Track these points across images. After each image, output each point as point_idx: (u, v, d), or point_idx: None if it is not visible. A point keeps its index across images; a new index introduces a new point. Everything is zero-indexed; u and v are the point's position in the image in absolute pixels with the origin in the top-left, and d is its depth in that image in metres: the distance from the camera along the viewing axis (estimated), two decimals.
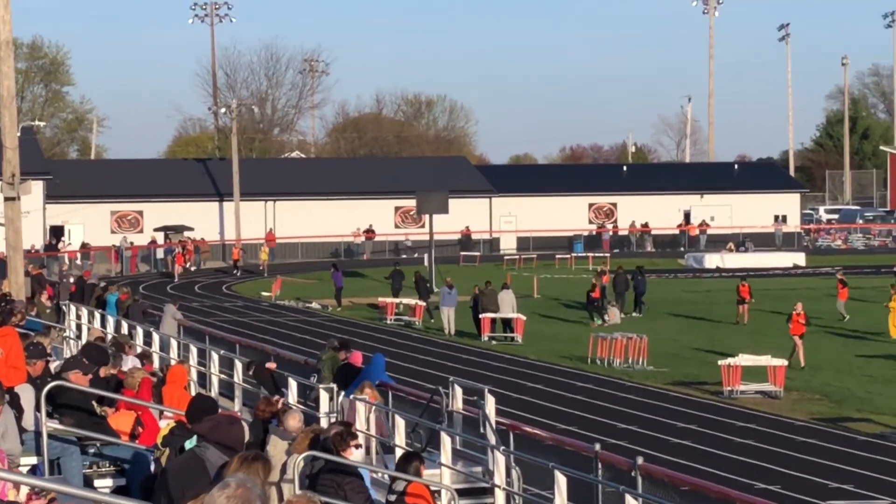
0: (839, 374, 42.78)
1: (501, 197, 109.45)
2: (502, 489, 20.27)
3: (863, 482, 27.91)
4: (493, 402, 24.96)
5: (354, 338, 50.58)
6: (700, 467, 28.55)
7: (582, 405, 37.89)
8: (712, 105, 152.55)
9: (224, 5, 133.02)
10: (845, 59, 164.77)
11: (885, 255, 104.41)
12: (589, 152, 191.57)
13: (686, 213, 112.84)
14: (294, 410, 18.98)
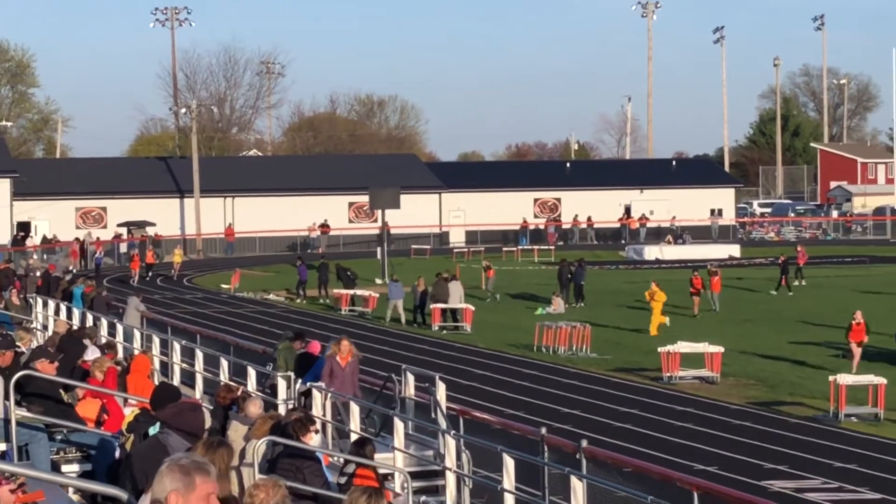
0: (772, 361, 42.94)
1: (450, 193, 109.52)
2: (453, 471, 20.26)
3: (796, 463, 28.05)
4: (443, 389, 24.96)
5: (311, 328, 50.59)
6: (641, 449, 28.63)
7: (528, 391, 37.93)
8: (651, 105, 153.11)
9: (184, 10, 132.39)
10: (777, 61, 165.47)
11: (815, 246, 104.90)
12: (534, 150, 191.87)
13: (627, 208, 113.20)
14: (255, 397, 18.95)
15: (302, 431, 14.91)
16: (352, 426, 22.90)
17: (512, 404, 34.92)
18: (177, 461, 7.31)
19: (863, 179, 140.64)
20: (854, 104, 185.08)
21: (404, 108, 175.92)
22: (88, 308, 43.38)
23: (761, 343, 46.99)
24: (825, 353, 44.07)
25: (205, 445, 10.50)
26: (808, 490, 25.65)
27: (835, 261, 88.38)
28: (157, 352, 32.64)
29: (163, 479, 7.18)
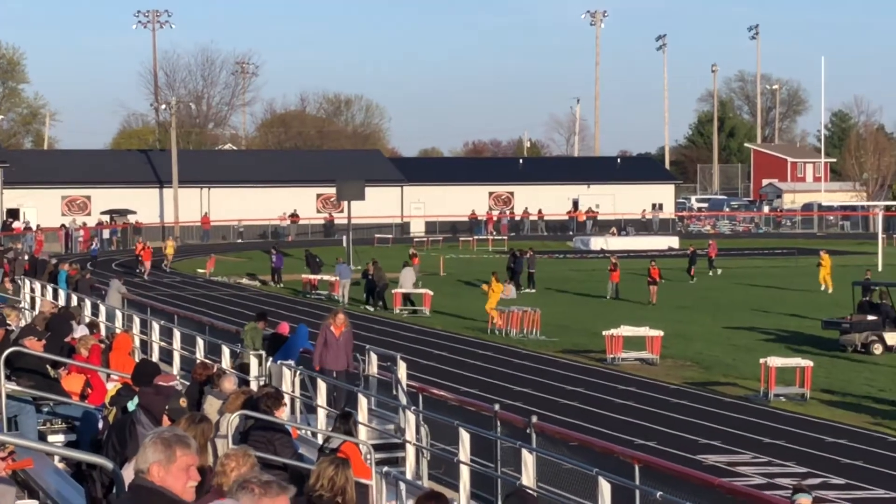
0: (708, 344, 43.07)
1: (411, 186, 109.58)
2: (412, 444, 20.28)
3: (729, 439, 28.15)
4: (404, 368, 24.96)
5: (281, 311, 50.50)
6: (586, 425, 28.68)
7: (482, 370, 37.93)
8: (598, 106, 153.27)
9: (164, 13, 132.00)
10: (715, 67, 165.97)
11: (748, 239, 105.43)
12: (489, 147, 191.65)
13: (574, 201, 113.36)
14: (229, 374, 18.90)
15: (275, 406, 14.90)
16: (319, 401, 22.89)
17: (467, 383, 34.93)
18: (160, 434, 7.28)
19: (792, 177, 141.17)
20: (785, 108, 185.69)
21: (369, 107, 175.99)
22: (73, 290, 43.20)
23: (697, 328, 47.16)
24: (756, 337, 44.25)
25: (187, 420, 10.47)
26: (739, 464, 25.74)
27: (766, 252, 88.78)
28: (137, 331, 32.53)
29: (146, 450, 7.15)
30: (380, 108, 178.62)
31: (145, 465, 7.08)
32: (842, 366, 38.28)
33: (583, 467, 16.78)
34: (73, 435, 16.36)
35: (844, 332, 41.38)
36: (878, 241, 75.65)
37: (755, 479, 24.22)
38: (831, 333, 42.26)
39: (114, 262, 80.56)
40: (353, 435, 16.81)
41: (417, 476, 19.92)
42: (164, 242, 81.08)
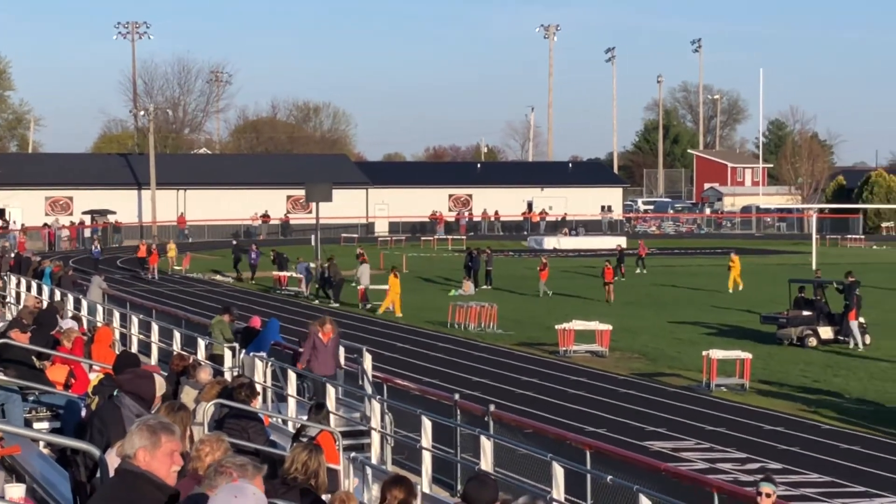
0: (654, 338, 43.19)
1: (376, 188, 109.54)
2: (377, 431, 20.27)
3: (673, 426, 28.24)
4: (370, 359, 24.96)
5: (254, 306, 50.36)
6: (540, 413, 28.71)
7: (443, 362, 37.95)
8: (551, 114, 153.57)
9: (143, 24, 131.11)
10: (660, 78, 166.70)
11: (690, 239, 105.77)
12: (449, 152, 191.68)
13: (529, 203, 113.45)
14: (204, 365, 18.85)
15: (252, 396, 14.90)
16: (289, 391, 22.85)
17: (429, 373, 34.93)
18: (145, 422, 7.27)
19: (732, 182, 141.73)
20: (725, 116, 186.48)
21: (336, 114, 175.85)
22: (56, 285, 42.98)
23: (644, 322, 47.27)
24: (699, 331, 44.41)
25: (168, 408, 10.44)
26: (683, 450, 25.83)
27: (707, 252, 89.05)
28: (117, 324, 32.41)
29: (132, 437, 7.13)
30: (346, 115, 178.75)
31: (132, 451, 7.06)
32: (779, 358, 38.46)
33: (538, 453, 16.81)
34: (58, 422, 16.27)
35: (781, 326, 41.59)
36: (812, 242, 75.99)
37: (698, 464, 24.30)
38: (769, 328, 42.47)
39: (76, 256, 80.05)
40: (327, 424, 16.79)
41: (382, 461, 19.92)
42: (167, 245, 76.84)
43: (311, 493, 9.66)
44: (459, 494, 10.15)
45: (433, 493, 18.13)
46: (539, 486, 16.33)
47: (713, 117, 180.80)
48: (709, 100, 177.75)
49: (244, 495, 5.98)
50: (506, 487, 14.00)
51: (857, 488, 22.63)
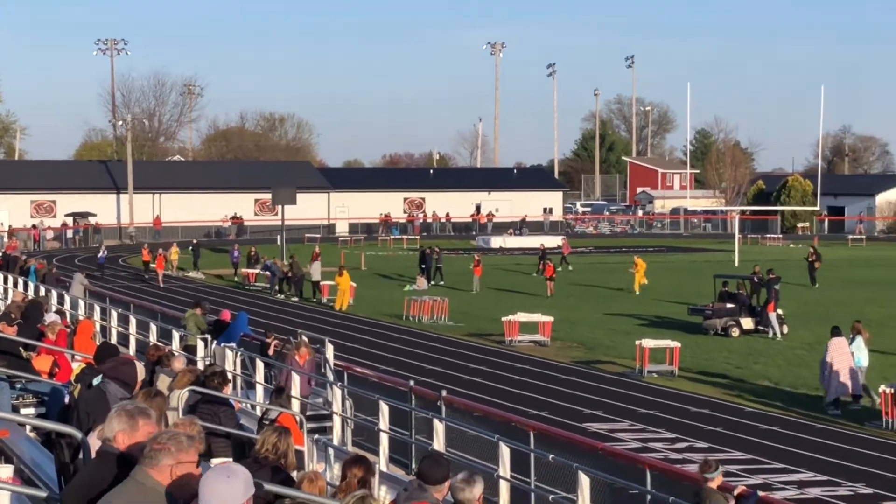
0: (591, 328, 43.31)
1: (337, 192, 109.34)
2: (339, 415, 20.25)
3: (609, 409, 28.34)
4: (331, 349, 24.93)
5: (224, 300, 50.15)
6: (488, 398, 28.76)
7: (399, 351, 37.93)
8: (497, 124, 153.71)
9: (121, 41, 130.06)
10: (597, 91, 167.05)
11: (624, 238, 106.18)
12: (404, 159, 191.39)
13: (477, 206, 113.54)
14: (178, 355, 18.76)
15: (224, 384, 14.87)
16: (257, 378, 22.78)
17: (386, 362, 34.91)
18: (124, 407, 7.22)
19: (662, 186, 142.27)
20: (656, 126, 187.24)
21: (300, 124, 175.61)
22: (41, 282, 42.68)
23: (582, 314, 47.40)
24: (632, 322, 44.55)
25: (144, 394, 10.38)
26: (618, 430, 25.93)
27: (639, 250, 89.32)
28: (98, 318, 32.21)
29: (112, 421, 7.08)
30: (309, 124, 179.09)
31: (111, 434, 7.01)
32: (704, 346, 38.65)
33: (486, 434, 16.83)
34: (43, 408, 16.16)
35: (707, 317, 41.79)
36: (734, 241, 76.44)
37: (632, 444, 24.40)
38: (696, 319, 42.68)
39: (76, 258, 79.60)
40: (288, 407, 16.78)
41: (343, 443, 19.89)
42: (169, 249, 71.32)
43: (282, 471, 9.66)
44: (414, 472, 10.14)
45: (390, 472, 18.13)
46: (487, 465, 16.36)
47: (645, 127, 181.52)
48: (641, 111, 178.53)
49: (235, 475, 5.96)
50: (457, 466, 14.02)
51: (777, 465, 22.78)
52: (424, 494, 8.86)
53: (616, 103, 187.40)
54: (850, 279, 62.49)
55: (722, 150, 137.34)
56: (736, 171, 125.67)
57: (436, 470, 9.12)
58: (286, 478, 9.34)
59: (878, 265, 72.24)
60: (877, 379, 30.61)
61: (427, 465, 9.29)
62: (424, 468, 9.25)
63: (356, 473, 9.22)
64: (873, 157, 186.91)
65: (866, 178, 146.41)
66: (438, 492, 9.02)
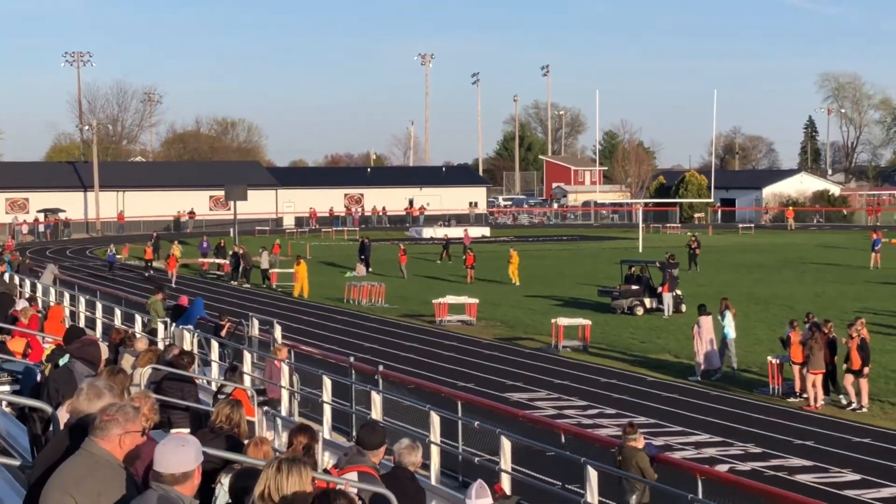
0: (513, 309, 43.45)
1: (284, 189, 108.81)
2: (286, 389, 20.18)
3: (529, 381, 28.46)
4: (279, 329, 24.84)
5: (183, 287, 49.74)
6: (420, 372, 28.78)
7: (340, 331, 37.85)
8: (428, 127, 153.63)
9: (87, 53, 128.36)
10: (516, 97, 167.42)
11: (542, 228, 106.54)
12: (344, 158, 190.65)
13: (410, 200, 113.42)
14: (141, 336, 18.61)
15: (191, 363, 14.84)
16: (212, 357, 22.65)
17: (328, 340, 34.83)
18: (90, 384, 7.16)
19: (574, 181, 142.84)
20: (569, 128, 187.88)
21: (250, 128, 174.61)
22: (15, 271, 42.12)
23: (504, 296, 47.53)
24: (549, 303, 44.72)
25: (108, 372, 10.29)
26: (537, 399, 26.05)
27: (554, 238, 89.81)
28: (67, 303, 31.84)
29: (79, 397, 7.02)
30: (258, 128, 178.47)
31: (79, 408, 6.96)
32: (613, 324, 38.91)
33: (418, 404, 16.86)
34: (17, 385, 15.96)
35: (615, 298, 42.06)
36: (639, 230, 77.00)
37: (549, 411, 24.53)
38: (605, 299, 42.95)
39: (47, 250, 78.56)
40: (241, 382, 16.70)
41: (290, 413, 19.83)
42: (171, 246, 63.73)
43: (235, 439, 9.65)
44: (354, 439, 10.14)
45: (332, 439, 18.10)
46: (420, 432, 16.38)
47: (559, 129, 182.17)
48: (555, 115, 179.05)
49: (187, 444, 5.96)
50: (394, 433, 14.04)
51: (675, 428, 23.00)
52: (363, 459, 8.87)
53: (533, 108, 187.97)
54: (740, 263, 63.18)
55: (627, 149, 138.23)
56: (640, 167, 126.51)
57: (372, 436, 9.14)
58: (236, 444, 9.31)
59: (765, 251, 73.11)
60: (764, 352, 31.05)
61: (364, 433, 9.31)
62: (362, 435, 9.27)
63: (301, 440, 9.21)
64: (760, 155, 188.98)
65: (754, 173, 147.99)
66: (375, 456, 9.04)
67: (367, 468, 8.64)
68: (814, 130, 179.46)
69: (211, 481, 7.99)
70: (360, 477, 8.48)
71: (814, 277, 54.39)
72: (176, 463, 5.85)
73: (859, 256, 58.00)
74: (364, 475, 8.52)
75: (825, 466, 19.96)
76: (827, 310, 40.02)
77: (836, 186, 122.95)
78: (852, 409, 24.61)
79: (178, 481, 5.84)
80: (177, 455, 5.87)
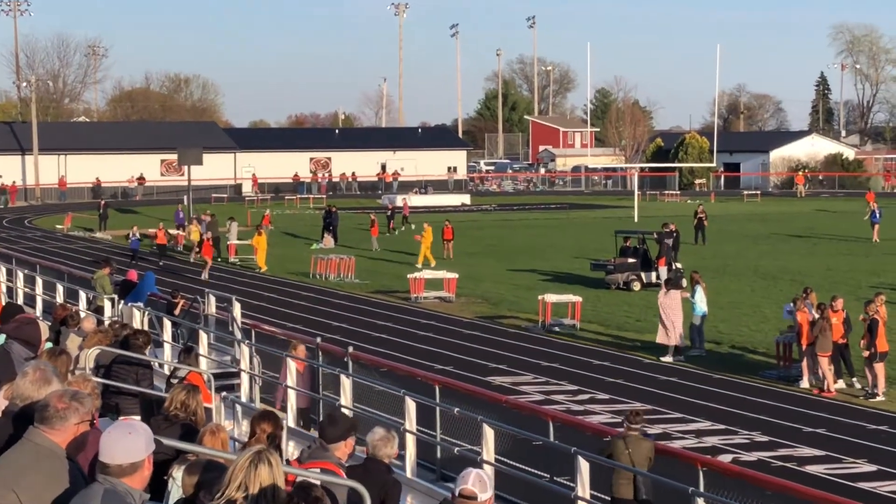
0: (495, 284, 43.50)
1: (243, 153, 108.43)
2: (247, 373, 20.15)
3: (513, 363, 28.53)
4: (239, 307, 24.77)
5: (133, 260, 49.54)
6: (394, 353, 28.79)
7: (306, 309, 37.83)
8: (402, 84, 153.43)
9: (24, 2, 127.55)
10: (499, 51, 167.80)
11: (528, 196, 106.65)
12: (309, 119, 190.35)
13: (383, 165, 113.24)
14: (89, 315, 18.54)
15: (147, 343, 14.82)
16: (165, 337, 22.59)
17: (293, 320, 34.81)
18: (36, 367, 7.13)
19: (563, 144, 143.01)
20: (557, 86, 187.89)
21: (206, 85, 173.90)
22: None
23: (486, 270, 47.59)
24: (536, 278, 44.81)
25: (49, 353, 10.26)
26: (522, 384, 26.12)
27: (541, 207, 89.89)
28: (3, 279, 31.68)
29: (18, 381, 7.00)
30: (214, 85, 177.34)
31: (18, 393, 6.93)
32: (605, 301, 39.03)
33: (391, 389, 16.85)
34: None
35: (609, 272, 42.15)
36: (634, 197, 77.14)
37: (535, 396, 24.61)
38: (598, 274, 43.02)
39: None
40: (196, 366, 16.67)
41: (251, 400, 19.80)
42: (187, 227, 60.01)
43: (190, 427, 9.63)
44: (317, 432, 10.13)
45: (297, 428, 18.09)
46: (394, 419, 16.39)
47: (546, 86, 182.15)
48: (542, 71, 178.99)
49: (136, 432, 5.93)
50: (365, 421, 14.05)
51: (675, 415, 23.11)
52: (326, 454, 8.84)
53: (518, 63, 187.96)
54: (745, 233, 63.41)
55: (621, 108, 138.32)
56: (635, 129, 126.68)
57: (334, 429, 9.12)
58: (195, 434, 9.30)
59: (771, 220, 73.39)
60: (771, 331, 31.18)
61: (326, 425, 9.30)
62: (324, 427, 9.26)
63: (265, 429, 9.19)
64: (767, 115, 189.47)
65: (761, 135, 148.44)
66: (339, 450, 9.01)
67: (330, 464, 8.62)
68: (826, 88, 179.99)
69: (164, 473, 7.98)
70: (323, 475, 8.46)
71: (825, 249, 54.66)
72: (123, 453, 5.82)
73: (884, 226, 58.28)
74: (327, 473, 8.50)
75: (838, 456, 20.09)
76: (840, 285, 40.22)
77: (850, 149, 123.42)
78: (864, 395, 24.74)
79: (125, 473, 5.82)
80: (124, 444, 5.84)
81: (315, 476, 7.33)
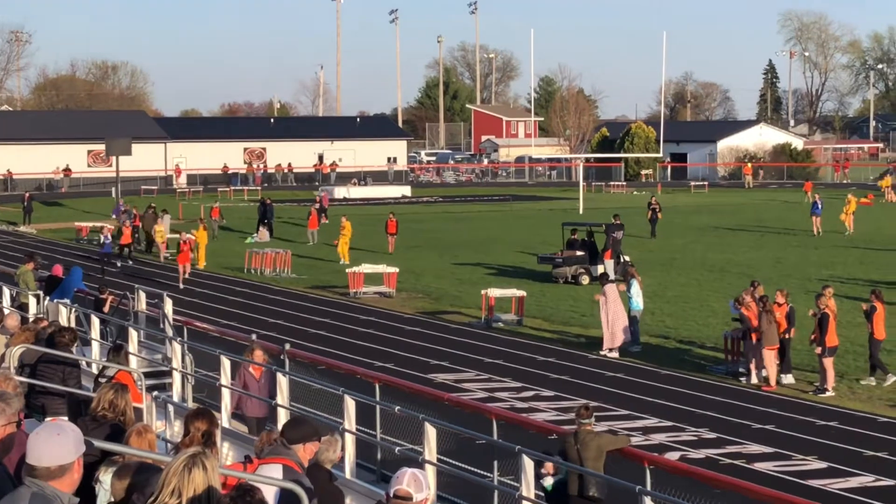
0: (437, 279, 43.53)
1: (174, 143, 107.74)
2: (179, 371, 20.04)
3: (455, 360, 28.57)
4: (170, 304, 24.65)
5: (58, 255, 49.12)
6: (333, 351, 28.76)
7: (241, 305, 37.69)
8: (339, 72, 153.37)
9: None
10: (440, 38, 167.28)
11: (470, 187, 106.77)
12: (243, 108, 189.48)
13: (320, 156, 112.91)
14: (13, 312, 18.37)
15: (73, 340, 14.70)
16: (93, 335, 22.42)
17: (227, 316, 34.66)
18: None
19: (507, 134, 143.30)
20: (500, 74, 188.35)
21: (134, 72, 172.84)
22: None
23: (427, 264, 47.60)
24: (480, 272, 44.87)
25: None
26: (464, 381, 26.16)
27: (484, 199, 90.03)
28: None
29: None
30: (143, 73, 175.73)
31: None
32: (551, 295, 39.15)
33: (330, 388, 16.81)
34: None
35: (557, 266, 42.23)
36: (579, 188, 77.43)
37: (478, 394, 24.66)
38: (544, 267, 43.11)
39: None
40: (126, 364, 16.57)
41: (184, 399, 19.70)
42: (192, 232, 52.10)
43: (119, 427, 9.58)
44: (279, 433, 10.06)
45: (232, 427, 18.02)
46: (332, 419, 16.36)
47: (489, 74, 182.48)
48: (485, 58, 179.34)
49: (65, 433, 5.89)
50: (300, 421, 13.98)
51: (621, 412, 23.25)
52: (287, 452, 8.85)
53: (460, 50, 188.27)
54: (692, 225, 63.88)
55: (566, 97, 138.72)
56: (580, 118, 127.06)
57: (295, 430, 9.13)
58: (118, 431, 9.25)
59: (720, 211, 73.96)
60: (720, 326, 31.44)
61: (287, 426, 9.34)
62: (285, 429, 9.29)
63: (199, 427, 9.17)
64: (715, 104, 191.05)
65: (708, 124, 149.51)
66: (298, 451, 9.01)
67: (290, 462, 8.61)
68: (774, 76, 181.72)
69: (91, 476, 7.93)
70: (284, 471, 8.46)
71: (774, 241, 55.18)
72: (51, 455, 5.78)
73: (827, 217, 58.90)
74: (289, 470, 8.49)
75: (787, 453, 20.31)
76: (788, 278, 40.63)
77: (798, 139, 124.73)
78: (813, 391, 24.99)
79: (53, 476, 5.78)
80: (52, 446, 5.80)
81: (252, 478, 7.32)
